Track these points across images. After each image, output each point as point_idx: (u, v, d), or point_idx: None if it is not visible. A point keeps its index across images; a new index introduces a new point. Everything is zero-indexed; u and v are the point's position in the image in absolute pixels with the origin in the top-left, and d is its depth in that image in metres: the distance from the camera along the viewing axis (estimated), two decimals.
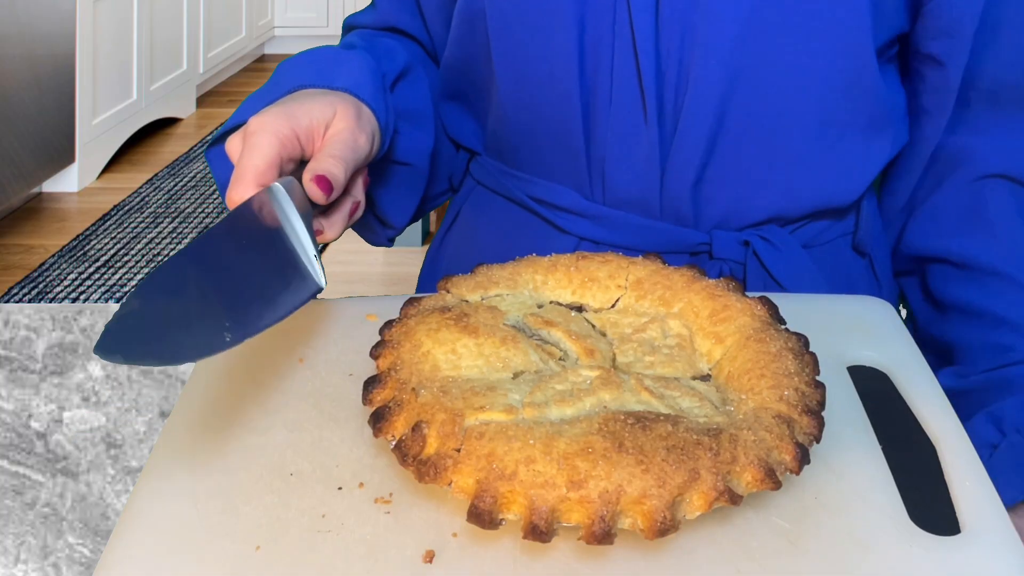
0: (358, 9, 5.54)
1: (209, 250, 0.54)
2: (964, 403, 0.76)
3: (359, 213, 0.69)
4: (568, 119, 0.79)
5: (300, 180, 0.62)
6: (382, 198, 0.82)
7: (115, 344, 0.45)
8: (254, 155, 0.60)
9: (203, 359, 0.47)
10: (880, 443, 0.54)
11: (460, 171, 0.93)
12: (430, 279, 0.94)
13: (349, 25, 0.91)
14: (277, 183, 0.60)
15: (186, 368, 0.85)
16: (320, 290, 0.55)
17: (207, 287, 0.51)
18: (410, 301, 0.59)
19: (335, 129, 0.65)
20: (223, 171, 0.74)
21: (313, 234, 0.58)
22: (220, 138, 0.74)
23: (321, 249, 0.60)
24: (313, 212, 0.63)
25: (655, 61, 0.75)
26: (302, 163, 0.65)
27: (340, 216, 0.67)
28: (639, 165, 0.77)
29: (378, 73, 0.74)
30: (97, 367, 0.85)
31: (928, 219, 0.85)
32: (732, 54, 0.74)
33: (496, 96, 0.82)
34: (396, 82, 0.81)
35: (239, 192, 0.59)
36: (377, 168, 0.80)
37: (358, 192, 0.69)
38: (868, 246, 0.86)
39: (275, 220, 0.58)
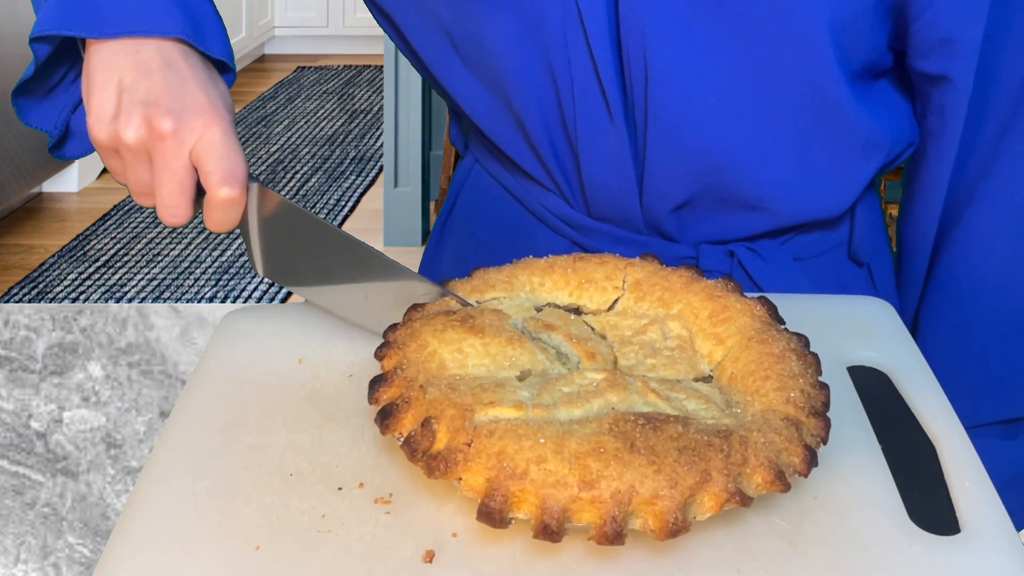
0: (358, 9, 5.56)
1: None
2: None
3: None
4: (541, 129, 0.77)
5: None
6: None
7: None
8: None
9: None
10: (880, 443, 0.54)
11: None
12: (431, 269, 0.93)
13: None
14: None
15: (186, 368, 0.85)
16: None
17: None
18: (414, 306, 0.59)
19: None
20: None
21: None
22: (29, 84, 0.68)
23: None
24: None
25: (615, 66, 0.73)
26: None
27: None
28: (614, 172, 0.75)
29: None
30: (97, 367, 0.85)
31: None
32: (692, 67, 0.72)
33: (470, 115, 0.81)
34: None
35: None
36: None
37: None
38: (866, 255, 0.83)
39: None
